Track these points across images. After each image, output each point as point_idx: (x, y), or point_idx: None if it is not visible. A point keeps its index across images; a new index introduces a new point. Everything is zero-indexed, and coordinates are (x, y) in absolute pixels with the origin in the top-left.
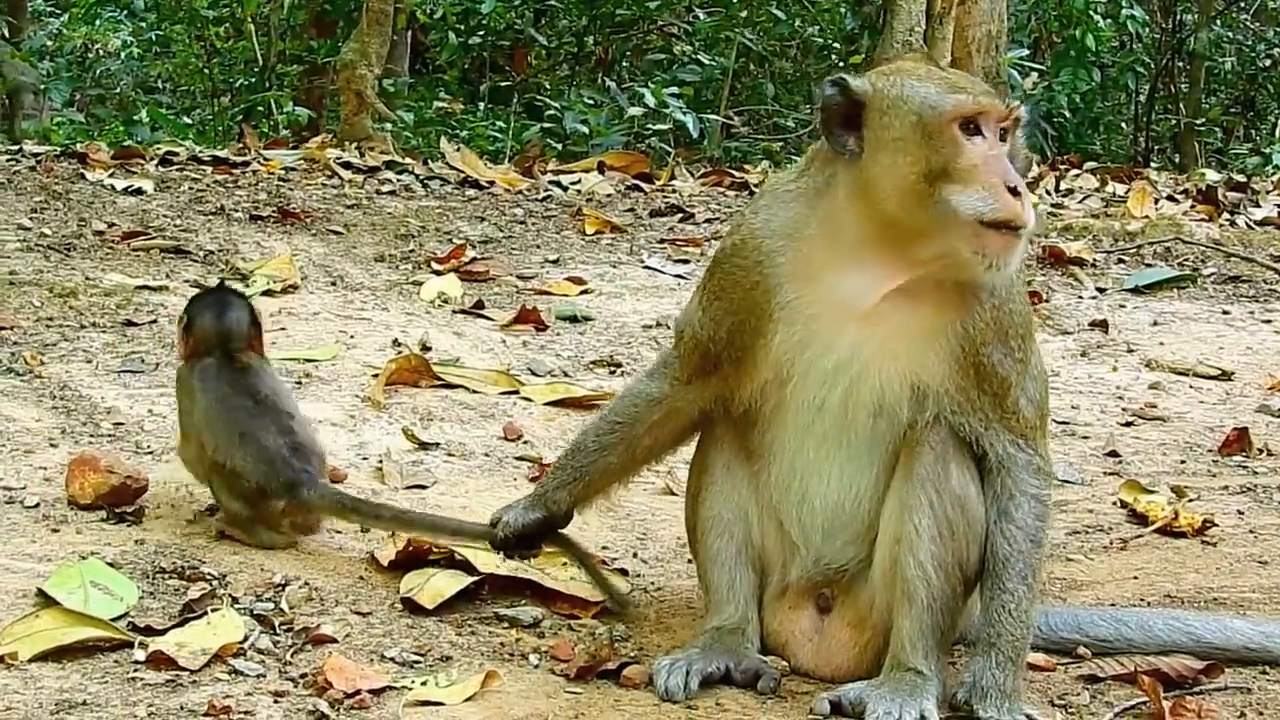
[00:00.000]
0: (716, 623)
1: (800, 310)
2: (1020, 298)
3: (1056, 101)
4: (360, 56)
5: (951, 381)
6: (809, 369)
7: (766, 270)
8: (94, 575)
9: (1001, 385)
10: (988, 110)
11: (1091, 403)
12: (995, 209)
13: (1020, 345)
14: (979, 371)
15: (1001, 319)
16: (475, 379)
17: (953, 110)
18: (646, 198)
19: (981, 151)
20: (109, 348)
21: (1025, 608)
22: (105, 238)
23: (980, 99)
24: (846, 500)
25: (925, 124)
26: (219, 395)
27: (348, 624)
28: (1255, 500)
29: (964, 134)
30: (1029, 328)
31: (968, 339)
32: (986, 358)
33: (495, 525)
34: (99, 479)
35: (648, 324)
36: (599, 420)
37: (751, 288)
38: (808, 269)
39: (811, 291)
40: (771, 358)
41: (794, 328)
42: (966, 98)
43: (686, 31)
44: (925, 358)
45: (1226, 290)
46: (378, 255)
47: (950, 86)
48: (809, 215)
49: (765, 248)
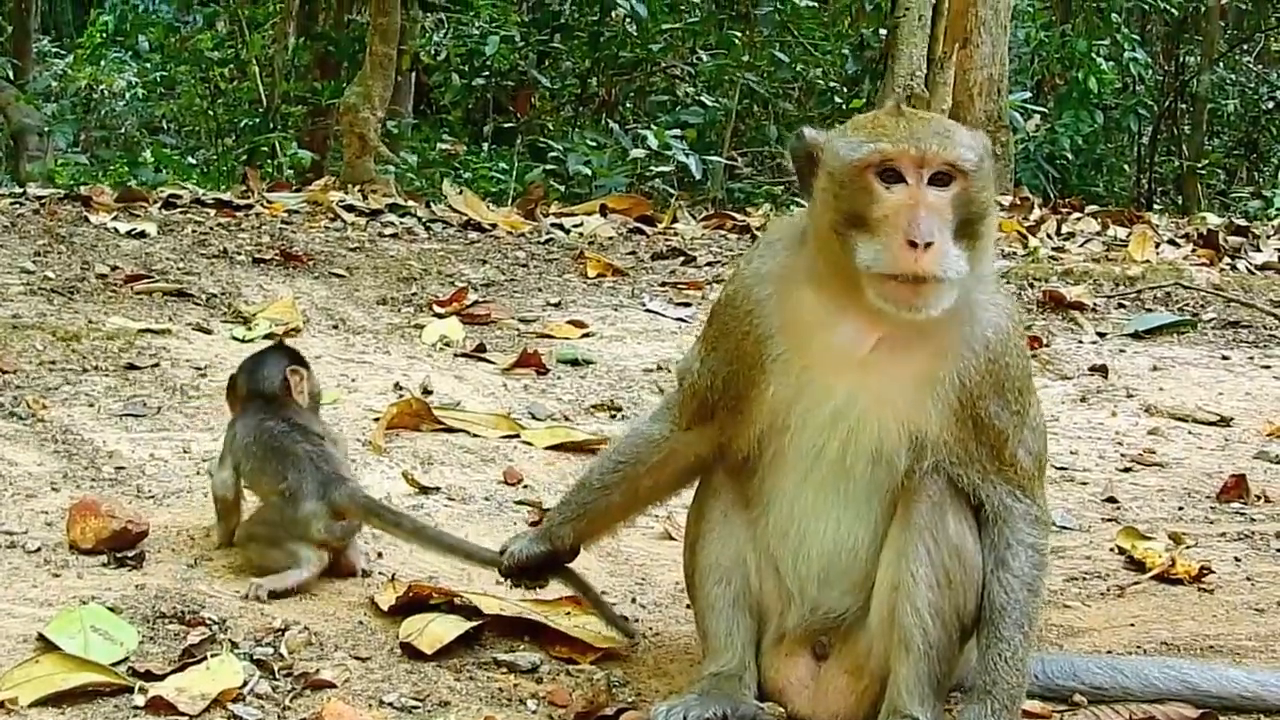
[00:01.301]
0: (714, 669)
1: (793, 361)
2: (1017, 350)
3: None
4: (363, 100)
5: (949, 432)
6: (805, 418)
7: (757, 320)
8: (94, 620)
9: (998, 438)
10: (896, 159)
11: (1090, 448)
12: (885, 263)
13: (1017, 398)
14: (976, 424)
15: (998, 372)
16: (476, 423)
17: (860, 160)
18: (648, 240)
19: (895, 201)
20: (111, 391)
21: (1021, 656)
22: (108, 281)
23: (885, 146)
24: (844, 549)
25: (838, 173)
26: (256, 423)
27: (347, 669)
28: (1252, 547)
29: (881, 183)
30: (1026, 380)
31: (964, 391)
32: (983, 410)
33: (503, 554)
34: (100, 523)
35: (648, 367)
36: (603, 458)
37: (743, 338)
38: (797, 318)
39: (802, 341)
40: (767, 408)
41: (788, 378)
42: (873, 147)
43: (689, 73)
44: (922, 407)
45: (1226, 335)
46: (380, 298)
47: (871, 135)
48: (794, 263)
49: (755, 296)
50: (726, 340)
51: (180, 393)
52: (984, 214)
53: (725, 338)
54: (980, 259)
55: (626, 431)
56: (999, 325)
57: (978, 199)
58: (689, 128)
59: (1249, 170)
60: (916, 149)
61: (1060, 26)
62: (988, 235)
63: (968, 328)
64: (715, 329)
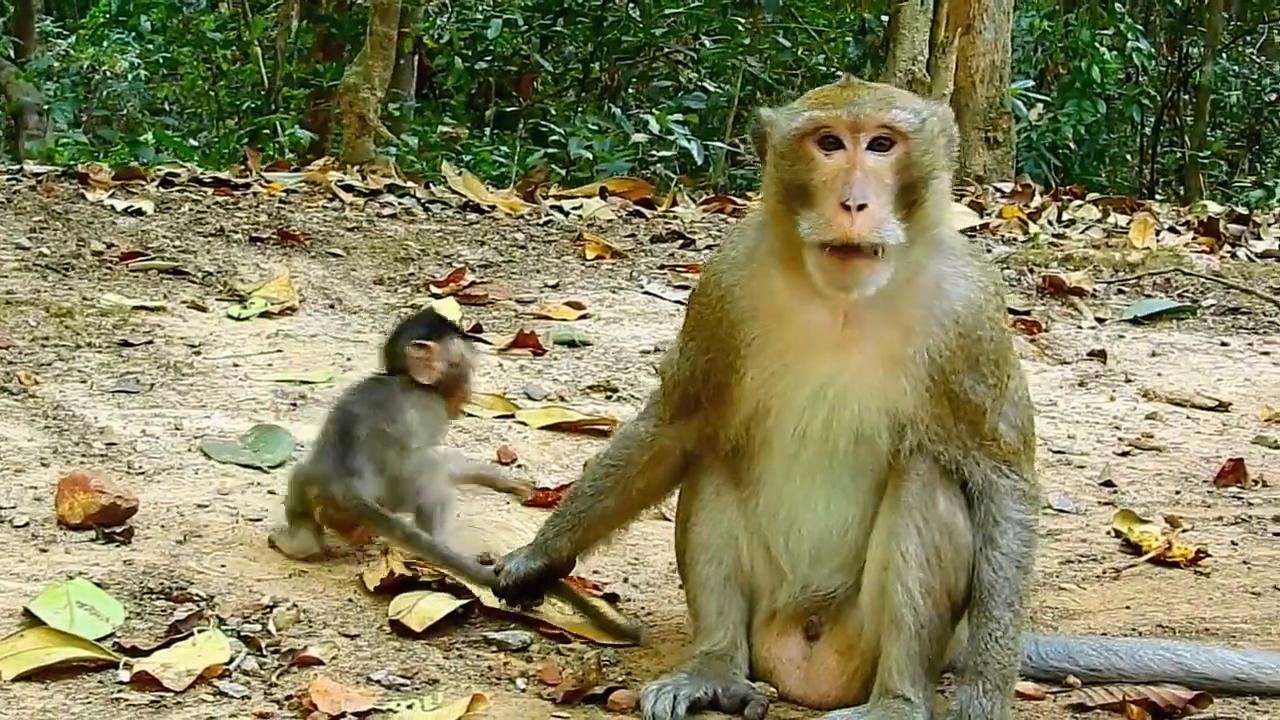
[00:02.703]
0: (705, 648)
1: (768, 345)
2: (991, 323)
3: (1062, 133)
4: (363, 80)
5: (925, 410)
6: (787, 400)
7: (729, 306)
8: (81, 595)
9: (976, 412)
10: (831, 124)
11: (1088, 432)
12: (821, 231)
13: (993, 371)
14: (952, 399)
15: (969, 346)
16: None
17: (798, 128)
18: (648, 224)
19: (833, 167)
20: (104, 368)
21: (1013, 635)
22: (103, 258)
23: (819, 113)
24: (834, 528)
25: (780, 145)
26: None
27: (335, 646)
28: (1249, 531)
29: (821, 150)
30: (1002, 352)
31: (936, 367)
32: (958, 385)
33: (498, 573)
34: (88, 499)
35: (645, 349)
36: (594, 465)
37: (717, 325)
38: (768, 302)
39: (775, 324)
40: (748, 394)
41: (764, 363)
42: (808, 115)
43: (692, 59)
44: (898, 386)
45: (1225, 322)
46: (377, 278)
47: (809, 104)
48: (761, 247)
49: (725, 282)
50: (702, 329)
51: (174, 370)
52: (928, 179)
53: (701, 327)
54: (925, 227)
55: (614, 436)
56: (969, 298)
57: (920, 163)
58: (691, 113)
59: (1251, 162)
60: (850, 113)
61: (1064, 16)
62: (935, 203)
63: (936, 302)
64: (692, 319)
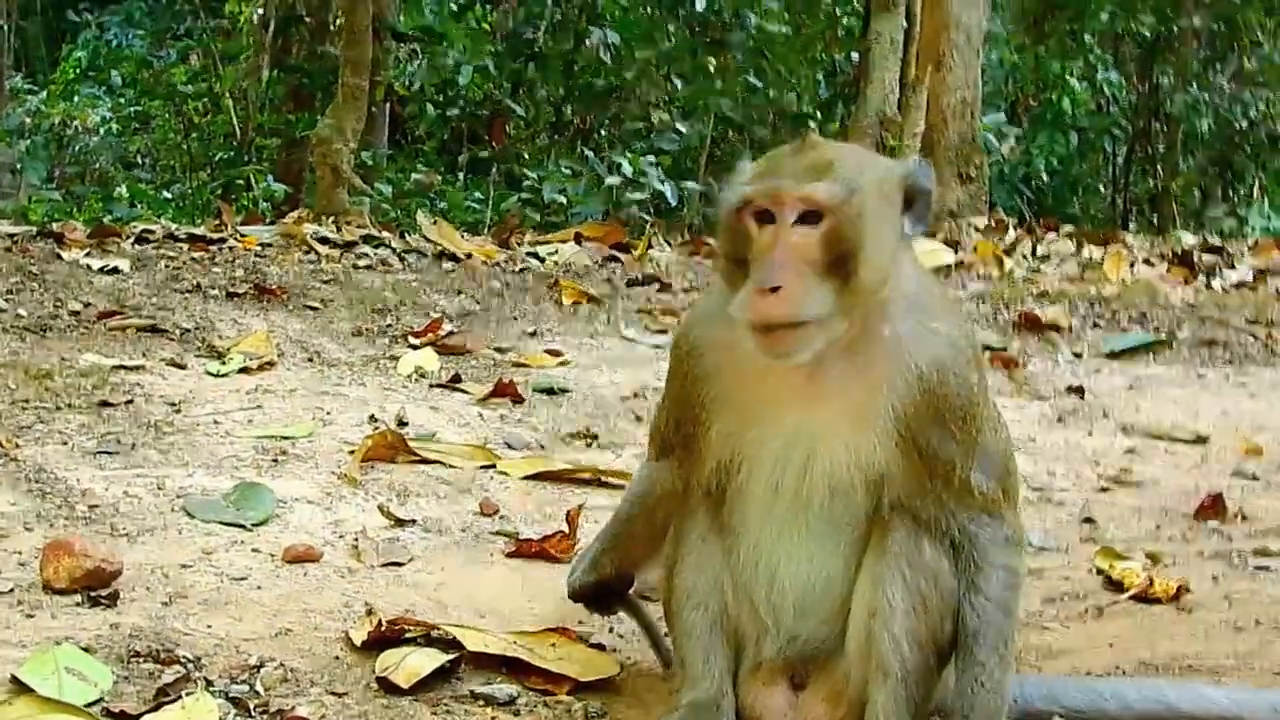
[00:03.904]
0: (691, 697)
1: (733, 400)
2: (956, 379)
3: (1034, 165)
4: (336, 131)
5: (897, 464)
6: (757, 454)
7: (695, 361)
8: (68, 661)
9: (947, 467)
10: (755, 199)
11: (1067, 468)
12: (741, 310)
13: (961, 426)
14: (921, 454)
15: (936, 402)
16: (452, 454)
17: (731, 203)
18: (624, 268)
19: (762, 244)
20: (84, 429)
21: (998, 679)
22: (81, 318)
23: (747, 189)
24: (816, 581)
25: (722, 219)
26: None
27: (323, 705)
28: (1230, 565)
29: (757, 224)
30: (971, 407)
31: (902, 423)
32: (925, 441)
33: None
34: (73, 563)
35: (625, 395)
36: (628, 487)
37: (685, 378)
38: (732, 357)
39: (740, 380)
40: (714, 447)
41: (730, 416)
42: (740, 191)
43: (664, 100)
44: (867, 441)
45: (1202, 354)
46: (354, 330)
47: (751, 174)
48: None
49: (693, 337)
50: (675, 380)
51: (154, 429)
52: (859, 249)
53: (674, 378)
54: (870, 289)
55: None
56: (934, 355)
57: (849, 235)
58: (664, 155)
59: (1224, 190)
60: (774, 188)
61: (1034, 48)
62: (877, 267)
63: (899, 358)
64: (670, 367)
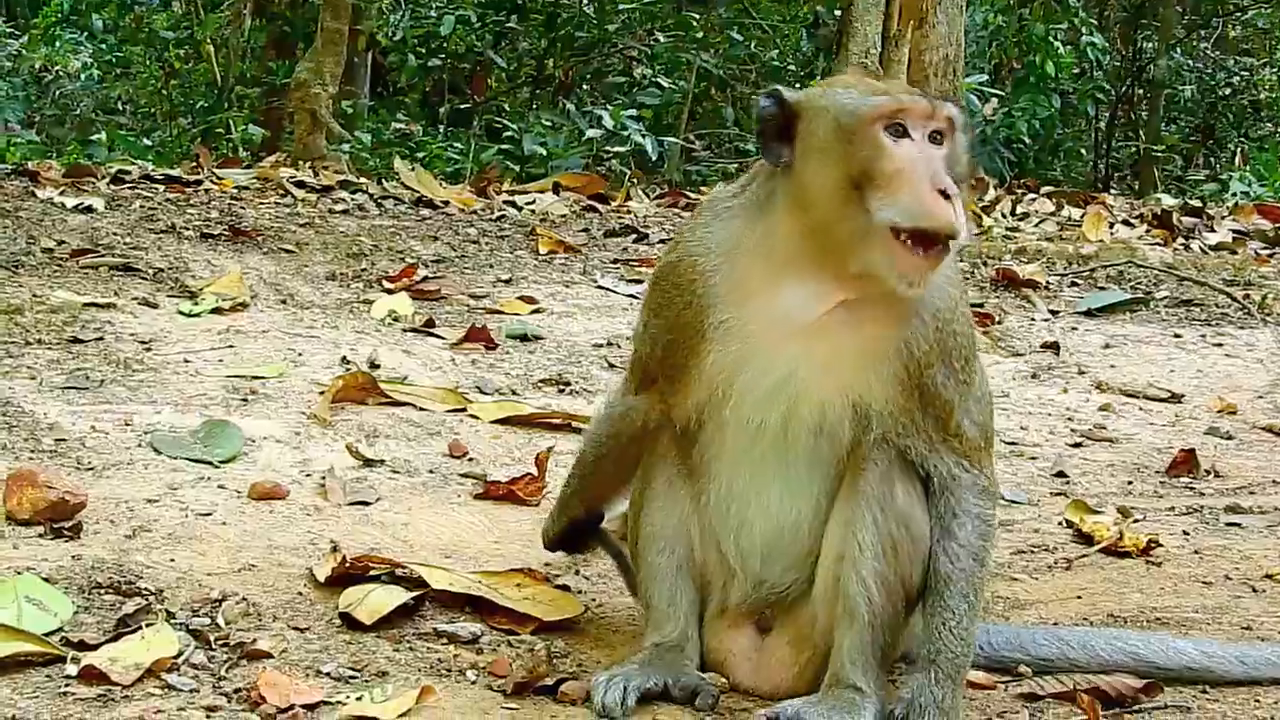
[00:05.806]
0: (656, 639)
1: (737, 328)
2: (964, 318)
3: (1016, 128)
4: (314, 75)
5: (894, 403)
6: (747, 389)
7: (701, 289)
8: (29, 590)
9: (945, 407)
10: (909, 109)
11: (1041, 424)
12: (918, 214)
13: (964, 366)
14: (922, 392)
15: (945, 340)
16: (422, 396)
17: (872, 111)
18: (601, 218)
19: (907, 154)
20: (53, 364)
21: (966, 625)
22: (54, 255)
23: (901, 98)
24: (785, 525)
25: (845, 128)
26: None
27: (284, 639)
28: (1201, 521)
29: (890, 137)
30: (972, 349)
31: (911, 359)
32: (930, 379)
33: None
34: (36, 494)
35: (598, 343)
36: (590, 427)
37: (685, 306)
38: (745, 286)
39: (749, 309)
40: (706, 376)
41: (729, 346)
42: (886, 99)
43: (646, 55)
44: (867, 377)
45: (1178, 314)
46: (329, 274)
47: (872, 90)
48: (748, 231)
49: (701, 266)
50: (668, 309)
51: (124, 366)
52: (964, 176)
53: (667, 306)
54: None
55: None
56: (947, 293)
57: (961, 159)
58: (645, 109)
59: (1205, 156)
60: (927, 103)
61: (1018, 10)
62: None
63: None
64: (656, 297)
